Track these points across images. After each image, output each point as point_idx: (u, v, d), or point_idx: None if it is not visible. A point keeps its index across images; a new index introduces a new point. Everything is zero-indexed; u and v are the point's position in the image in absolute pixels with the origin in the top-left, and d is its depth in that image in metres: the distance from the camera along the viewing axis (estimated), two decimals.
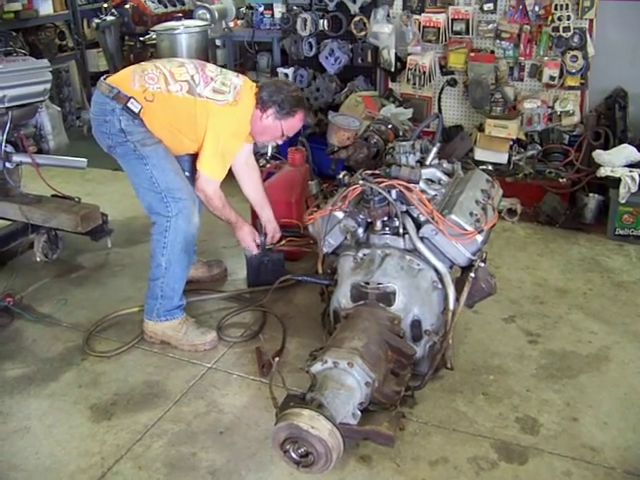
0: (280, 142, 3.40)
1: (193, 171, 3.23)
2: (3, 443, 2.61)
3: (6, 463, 2.51)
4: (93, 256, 4.13)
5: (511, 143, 4.62)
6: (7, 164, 3.71)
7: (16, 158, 3.73)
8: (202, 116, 3.05)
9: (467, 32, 4.80)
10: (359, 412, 2.34)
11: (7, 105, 3.57)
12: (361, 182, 2.79)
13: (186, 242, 3.08)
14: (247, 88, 3.17)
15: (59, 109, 4.15)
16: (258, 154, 4.87)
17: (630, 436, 2.56)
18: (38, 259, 3.91)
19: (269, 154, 4.71)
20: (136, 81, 3.04)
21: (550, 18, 4.47)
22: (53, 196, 3.93)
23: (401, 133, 3.40)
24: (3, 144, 3.64)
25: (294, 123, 3.22)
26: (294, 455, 2.23)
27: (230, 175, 3.31)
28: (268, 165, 4.61)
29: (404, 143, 3.03)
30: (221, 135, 3.08)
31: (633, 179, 3.99)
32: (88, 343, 3.21)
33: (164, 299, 3.15)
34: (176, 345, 3.19)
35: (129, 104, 2.98)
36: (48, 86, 3.83)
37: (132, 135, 3.02)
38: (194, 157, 3.22)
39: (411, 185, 2.75)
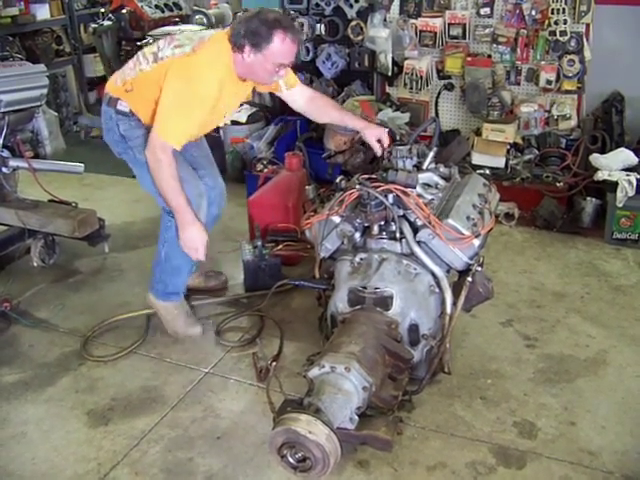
0: (282, 74, 2.96)
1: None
2: (0, 449, 2.61)
3: (3, 469, 2.50)
4: (90, 261, 4.12)
5: (508, 147, 4.62)
6: (4, 169, 3.71)
7: (13, 163, 3.73)
8: (162, 80, 2.81)
9: (464, 36, 4.80)
10: (356, 417, 2.34)
11: (4, 110, 3.57)
12: (358, 186, 2.79)
13: None
14: (219, 36, 2.88)
15: (56, 114, 4.15)
16: (255, 159, 4.90)
17: (628, 440, 2.56)
18: (35, 264, 3.91)
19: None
20: (118, 78, 3.01)
21: (547, 22, 4.47)
22: (50, 201, 3.93)
23: (398, 137, 3.41)
24: (0, 149, 3.64)
25: (278, 47, 2.77)
26: (291, 460, 2.22)
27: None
28: (265, 170, 4.61)
29: (401, 147, 3.02)
30: (175, 88, 2.78)
31: (630, 183, 3.99)
32: (85, 348, 3.21)
33: (162, 283, 3.25)
34: (164, 325, 3.31)
35: (118, 106, 2.96)
36: (45, 91, 3.83)
37: (131, 140, 3.00)
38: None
39: (408, 189, 2.75)
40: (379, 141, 3.17)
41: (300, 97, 3.29)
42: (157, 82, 2.83)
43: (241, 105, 4.42)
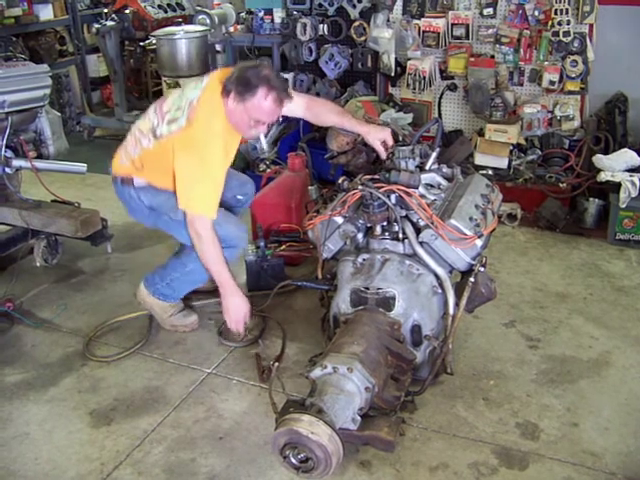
0: (261, 131, 3.10)
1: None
2: (2, 449, 2.61)
3: (5, 469, 2.51)
4: (93, 261, 4.13)
5: (511, 148, 4.62)
6: (7, 169, 3.71)
7: (16, 163, 3.73)
8: (170, 155, 2.89)
9: (467, 37, 4.80)
10: (359, 417, 2.34)
11: (7, 110, 3.58)
12: (360, 187, 2.79)
13: None
14: (207, 94, 2.91)
15: (59, 114, 4.15)
16: (258, 159, 4.90)
17: (631, 442, 2.55)
18: (38, 264, 3.92)
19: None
20: (124, 157, 3.09)
21: (550, 23, 4.46)
22: (53, 201, 3.94)
23: (401, 138, 3.39)
24: (3, 149, 3.64)
25: (258, 102, 2.80)
26: (294, 460, 2.23)
27: None
28: (268, 170, 4.61)
29: (404, 148, 3.03)
30: (187, 164, 2.87)
31: (633, 183, 3.99)
32: (88, 348, 3.21)
33: (170, 289, 3.27)
34: (159, 322, 3.35)
35: (135, 183, 3.05)
36: (48, 91, 3.83)
37: (161, 207, 3.07)
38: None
39: (410, 190, 2.75)
40: (384, 143, 3.17)
41: (297, 107, 3.25)
42: (164, 155, 2.91)
43: None
